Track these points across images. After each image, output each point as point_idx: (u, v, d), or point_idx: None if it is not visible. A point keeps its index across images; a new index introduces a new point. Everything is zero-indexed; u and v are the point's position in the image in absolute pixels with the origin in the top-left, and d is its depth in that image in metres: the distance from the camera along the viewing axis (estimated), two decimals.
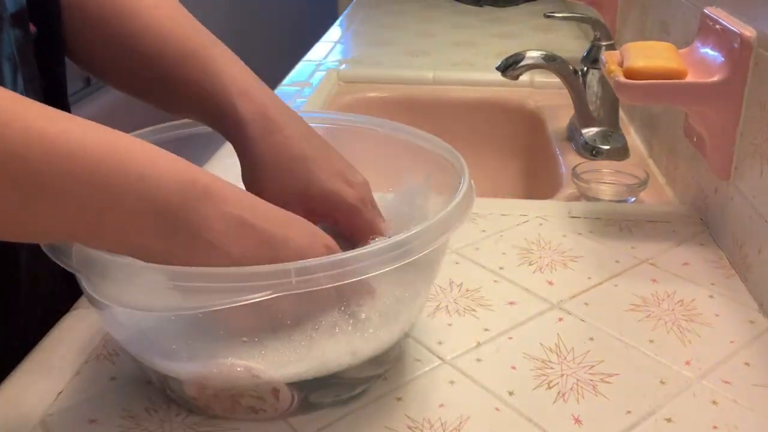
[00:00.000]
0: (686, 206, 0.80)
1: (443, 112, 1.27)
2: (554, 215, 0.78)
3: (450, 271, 0.68)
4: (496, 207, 0.80)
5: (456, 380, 0.54)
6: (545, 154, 1.07)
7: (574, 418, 0.50)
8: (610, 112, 0.99)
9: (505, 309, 0.62)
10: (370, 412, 0.51)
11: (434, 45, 1.50)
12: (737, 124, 0.67)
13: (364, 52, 1.48)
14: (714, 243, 0.72)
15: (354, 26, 1.69)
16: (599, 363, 0.55)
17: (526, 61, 0.98)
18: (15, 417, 0.50)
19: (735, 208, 0.68)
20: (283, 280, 0.41)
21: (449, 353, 0.57)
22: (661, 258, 0.70)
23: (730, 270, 0.68)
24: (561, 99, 1.10)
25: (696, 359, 0.56)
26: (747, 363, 0.55)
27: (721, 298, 0.63)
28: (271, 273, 0.42)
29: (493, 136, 1.26)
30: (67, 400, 0.52)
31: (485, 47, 1.48)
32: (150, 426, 0.49)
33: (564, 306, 0.62)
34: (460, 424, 0.49)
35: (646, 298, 0.63)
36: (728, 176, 0.69)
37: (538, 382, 0.53)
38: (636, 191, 0.84)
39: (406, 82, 1.30)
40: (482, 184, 1.22)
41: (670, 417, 0.50)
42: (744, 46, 0.64)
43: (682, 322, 0.60)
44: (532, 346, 0.57)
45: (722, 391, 0.52)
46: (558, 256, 0.70)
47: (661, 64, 0.69)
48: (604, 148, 0.97)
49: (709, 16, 0.71)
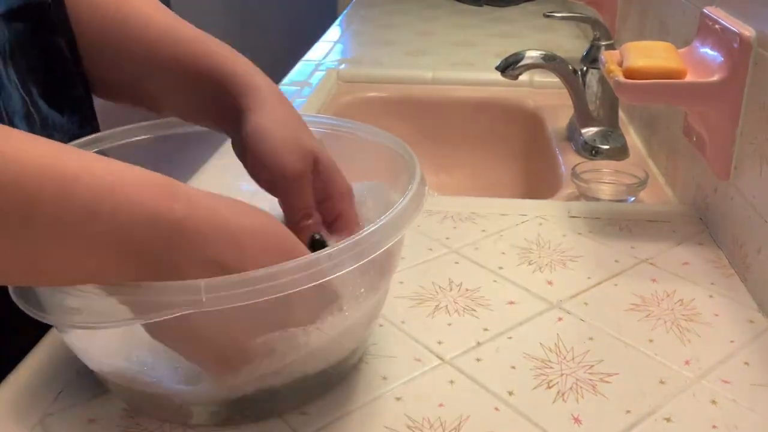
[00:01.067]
0: (686, 206, 0.80)
1: (443, 112, 1.27)
2: (554, 215, 0.78)
3: (450, 271, 0.68)
4: (495, 207, 0.80)
5: (456, 380, 0.54)
6: (545, 154, 1.07)
7: (573, 417, 0.50)
8: (609, 111, 1.00)
9: (505, 309, 0.62)
10: (370, 412, 0.51)
11: (434, 45, 1.50)
12: (737, 123, 0.67)
13: (363, 52, 1.48)
14: (714, 243, 0.72)
15: (354, 26, 1.69)
16: (599, 363, 0.55)
17: (526, 60, 0.98)
18: (15, 417, 0.50)
19: (735, 208, 0.68)
20: (194, 297, 0.39)
21: (449, 353, 0.57)
22: (660, 258, 0.70)
23: (730, 270, 0.68)
24: (561, 99, 1.10)
25: (696, 359, 0.56)
26: (746, 363, 0.55)
27: (721, 298, 0.63)
28: (181, 289, 0.40)
29: (493, 136, 1.26)
30: (67, 400, 0.51)
31: (485, 47, 1.48)
32: (150, 426, 0.49)
33: (564, 306, 0.62)
34: (460, 424, 0.49)
35: (646, 298, 0.63)
36: (728, 176, 0.69)
37: (537, 381, 0.53)
38: (636, 191, 0.84)
39: (406, 82, 1.30)
40: (482, 184, 1.24)
41: (670, 417, 0.50)
42: (743, 46, 0.64)
43: (682, 321, 0.60)
44: (532, 346, 0.57)
45: (722, 391, 0.52)
46: (558, 255, 0.70)
47: (661, 64, 0.69)
48: (604, 147, 0.97)
49: (708, 16, 0.71)
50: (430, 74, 1.30)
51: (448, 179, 1.28)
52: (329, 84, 1.27)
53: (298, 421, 0.50)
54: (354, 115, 1.23)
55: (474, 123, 1.26)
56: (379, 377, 0.54)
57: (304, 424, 0.49)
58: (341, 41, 1.57)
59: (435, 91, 1.28)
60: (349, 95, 1.27)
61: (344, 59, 1.41)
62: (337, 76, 1.31)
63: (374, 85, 1.30)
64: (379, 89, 1.30)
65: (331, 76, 1.30)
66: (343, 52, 1.48)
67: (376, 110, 1.27)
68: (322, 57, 1.42)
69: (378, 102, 1.28)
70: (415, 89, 1.29)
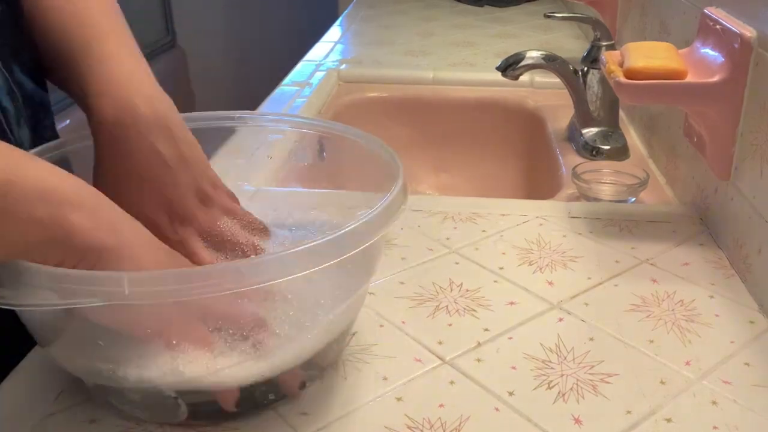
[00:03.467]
0: (686, 206, 0.80)
1: (443, 112, 1.27)
2: (554, 215, 0.78)
3: (450, 271, 0.68)
4: (496, 207, 0.80)
5: (456, 380, 0.54)
6: (545, 154, 1.07)
7: (574, 418, 0.50)
8: (610, 112, 0.99)
9: (505, 309, 0.62)
10: (370, 412, 0.51)
11: (434, 45, 1.50)
12: (737, 124, 0.67)
13: (364, 52, 1.48)
14: (714, 243, 0.72)
15: (354, 26, 1.69)
16: (599, 363, 0.55)
17: (526, 61, 0.98)
18: (15, 417, 0.50)
19: (735, 209, 0.68)
20: (116, 289, 0.40)
21: (449, 353, 0.57)
22: (661, 258, 0.70)
23: (730, 270, 0.68)
24: (561, 99, 1.10)
25: (696, 359, 0.56)
26: (747, 363, 0.55)
27: (721, 299, 0.63)
28: (104, 279, 0.41)
29: (493, 136, 1.26)
30: (67, 400, 0.52)
31: (485, 47, 1.48)
32: (150, 426, 0.49)
33: (564, 306, 0.62)
34: (460, 424, 0.49)
35: (646, 298, 0.63)
36: (728, 176, 0.69)
37: (538, 382, 0.53)
38: (636, 191, 0.84)
39: (406, 82, 1.30)
40: (482, 185, 1.24)
41: (670, 417, 0.50)
42: (744, 46, 0.64)
43: (682, 322, 0.60)
44: (532, 347, 0.57)
45: (722, 392, 0.52)
46: (558, 256, 0.70)
47: (661, 64, 0.69)
48: (604, 148, 0.97)
49: (709, 16, 0.71)
50: (430, 74, 1.30)
51: (448, 179, 1.28)
52: (330, 84, 1.27)
53: (298, 421, 0.50)
54: (354, 115, 1.23)
55: (474, 123, 1.26)
56: (380, 377, 0.54)
57: (304, 424, 0.49)
58: (342, 41, 1.57)
59: (435, 92, 1.28)
60: (349, 95, 1.27)
61: (345, 59, 1.41)
62: (337, 77, 1.31)
63: (375, 85, 1.30)
64: (380, 89, 1.30)
65: (331, 76, 1.30)
66: (344, 53, 1.48)
67: (377, 110, 1.27)
68: (323, 57, 1.42)
69: (378, 102, 1.28)
70: (416, 89, 1.29)
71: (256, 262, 0.45)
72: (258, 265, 0.44)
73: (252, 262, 0.46)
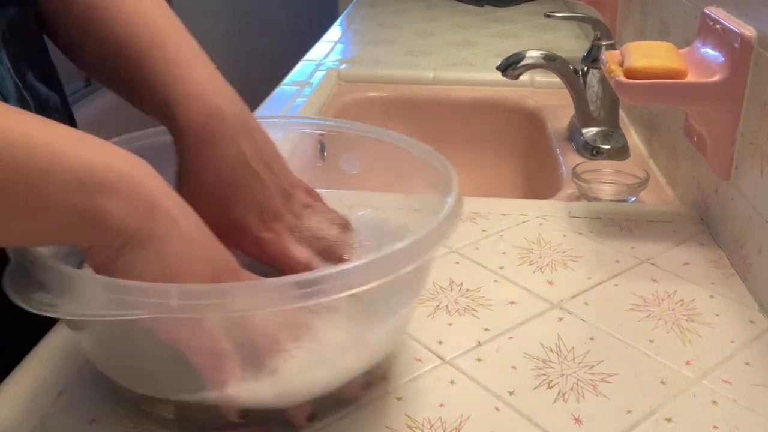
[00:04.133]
0: (686, 206, 0.80)
1: (443, 112, 1.27)
2: (554, 215, 0.78)
3: (450, 271, 0.68)
4: (496, 207, 0.80)
5: (456, 380, 0.54)
6: (545, 154, 1.07)
7: (574, 418, 0.50)
8: (610, 111, 0.99)
9: (506, 309, 0.62)
10: (370, 412, 0.51)
11: (434, 45, 1.50)
12: (737, 124, 0.67)
13: (364, 52, 1.48)
14: (714, 243, 0.72)
15: (354, 26, 1.69)
16: (599, 363, 0.55)
17: (527, 60, 0.98)
18: (15, 417, 0.50)
19: (735, 208, 0.68)
20: (162, 301, 0.40)
21: (449, 353, 0.57)
22: (661, 258, 0.70)
23: (731, 270, 0.68)
24: (561, 99, 1.10)
25: (696, 359, 0.56)
26: (747, 363, 0.55)
27: (722, 298, 0.63)
28: (151, 291, 0.40)
29: (493, 136, 1.26)
30: (67, 400, 0.51)
31: (485, 47, 1.48)
32: (150, 426, 0.49)
33: (564, 306, 0.62)
34: (460, 423, 0.49)
35: (647, 298, 0.63)
36: (728, 176, 0.69)
37: (538, 381, 0.53)
38: (636, 191, 0.84)
39: (406, 81, 1.30)
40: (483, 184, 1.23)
41: (671, 417, 0.50)
42: (744, 46, 0.64)
43: (683, 322, 0.60)
44: (533, 346, 0.57)
45: (722, 391, 0.52)
46: (558, 255, 0.70)
47: (662, 64, 0.69)
48: (605, 147, 0.97)
49: (709, 16, 0.71)
50: (430, 74, 1.30)
51: None
52: (330, 84, 1.27)
53: None
54: (354, 115, 1.23)
55: (474, 123, 1.26)
56: (380, 377, 0.54)
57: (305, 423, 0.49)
58: (342, 41, 1.57)
59: (435, 91, 1.28)
60: (349, 95, 1.27)
61: (345, 59, 1.41)
62: (337, 76, 1.31)
63: (375, 85, 1.30)
64: (380, 89, 1.30)
65: (331, 76, 1.30)
66: (344, 52, 1.48)
67: (377, 110, 1.27)
68: (323, 57, 1.42)
69: (378, 102, 1.28)
70: (416, 89, 1.29)
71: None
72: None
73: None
